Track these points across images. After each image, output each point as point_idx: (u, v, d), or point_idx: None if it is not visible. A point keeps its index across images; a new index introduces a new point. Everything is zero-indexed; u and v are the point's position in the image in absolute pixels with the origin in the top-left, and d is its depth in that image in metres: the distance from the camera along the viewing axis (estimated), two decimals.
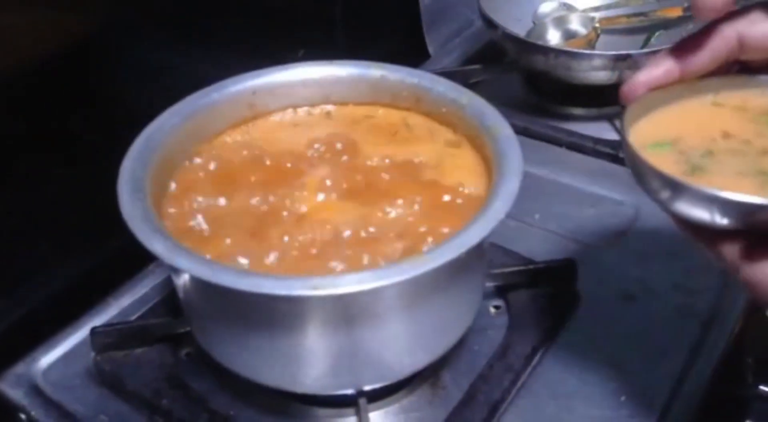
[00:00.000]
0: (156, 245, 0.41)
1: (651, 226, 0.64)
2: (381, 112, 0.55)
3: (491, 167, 0.48)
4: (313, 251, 0.44)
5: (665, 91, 0.41)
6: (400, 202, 0.47)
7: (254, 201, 0.48)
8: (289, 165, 0.51)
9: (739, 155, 0.39)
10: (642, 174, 0.37)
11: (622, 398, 0.50)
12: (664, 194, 0.36)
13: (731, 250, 0.35)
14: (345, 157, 0.51)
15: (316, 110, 0.56)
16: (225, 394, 0.52)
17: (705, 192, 0.34)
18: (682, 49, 0.40)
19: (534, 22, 0.84)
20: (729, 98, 0.42)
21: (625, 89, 0.41)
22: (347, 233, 0.46)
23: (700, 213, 0.35)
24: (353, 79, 0.55)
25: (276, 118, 0.55)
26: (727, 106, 0.42)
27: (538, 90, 0.81)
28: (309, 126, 0.55)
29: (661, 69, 0.40)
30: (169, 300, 0.58)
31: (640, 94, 0.41)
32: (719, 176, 0.37)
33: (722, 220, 0.34)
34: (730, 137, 0.40)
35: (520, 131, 0.73)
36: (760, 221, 0.34)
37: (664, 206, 0.37)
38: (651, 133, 0.40)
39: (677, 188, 0.35)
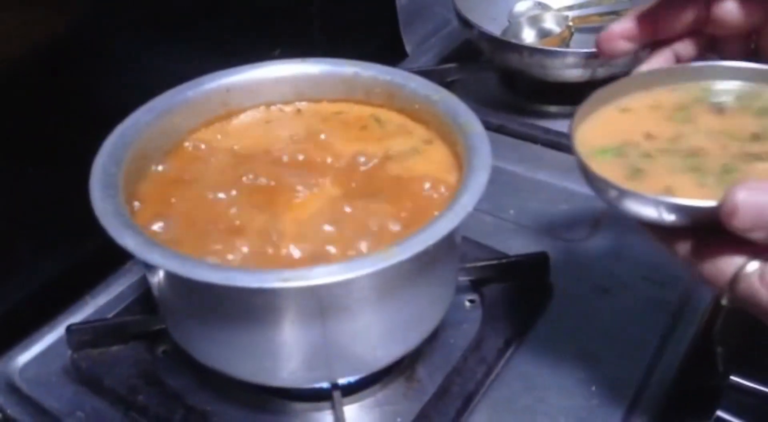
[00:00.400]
0: (127, 240, 0.41)
1: (623, 220, 0.65)
2: (351, 108, 0.56)
3: (462, 162, 0.49)
4: (284, 247, 0.45)
5: (606, 91, 0.43)
6: (371, 197, 0.48)
7: (225, 197, 0.48)
8: (260, 162, 0.51)
9: (669, 155, 0.40)
10: (591, 181, 0.39)
11: (593, 388, 0.51)
12: (613, 199, 0.37)
13: (683, 247, 0.37)
14: (315, 154, 0.52)
15: (288, 107, 0.56)
16: (202, 390, 0.52)
17: (645, 197, 0.36)
18: (656, 8, 0.43)
19: (509, 21, 0.85)
20: (642, 99, 0.44)
21: (602, 36, 0.44)
22: (319, 228, 0.46)
23: (648, 215, 0.36)
24: (326, 77, 0.56)
25: (248, 115, 0.55)
26: (640, 109, 0.43)
27: (513, 88, 0.82)
28: (280, 123, 0.55)
29: (634, 23, 0.43)
30: (144, 298, 0.58)
31: (614, 44, 0.43)
32: (658, 177, 0.39)
33: (668, 220, 0.36)
34: (654, 138, 0.41)
35: (495, 129, 0.75)
36: (701, 220, 0.35)
37: (616, 209, 0.38)
38: (595, 138, 0.41)
39: (623, 194, 0.37)
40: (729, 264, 0.35)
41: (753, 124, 0.41)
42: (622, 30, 0.43)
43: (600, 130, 0.42)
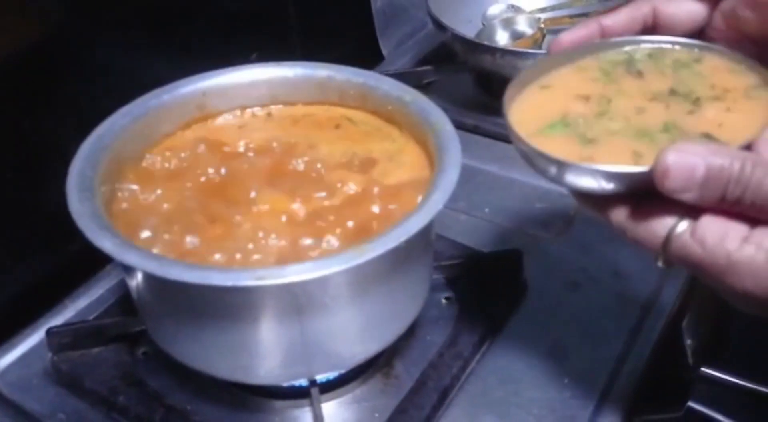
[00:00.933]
0: (104, 242, 0.42)
1: (595, 218, 0.66)
2: (323, 109, 0.57)
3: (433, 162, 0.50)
4: (256, 252, 0.46)
5: (534, 69, 0.45)
6: (340, 196, 0.49)
7: (197, 203, 0.49)
8: (232, 165, 0.52)
9: (609, 119, 0.42)
10: (528, 157, 0.40)
11: (566, 381, 0.52)
12: (552, 172, 0.39)
13: (618, 214, 0.38)
14: (287, 157, 0.53)
15: (262, 111, 0.57)
16: (182, 390, 0.53)
17: (589, 168, 0.37)
18: (606, 16, 0.45)
19: (483, 24, 0.86)
20: (567, 70, 0.45)
21: (552, 44, 0.46)
22: (290, 231, 0.47)
23: (587, 185, 0.38)
24: (300, 80, 0.57)
25: (221, 120, 0.56)
26: (568, 76, 0.45)
27: (487, 89, 0.83)
28: (252, 127, 0.56)
29: (583, 31, 0.45)
30: (124, 300, 0.59)
31: (563, 47, 0.45)
32: (606, 146, 0.40)
33: (608, 188, 0.37)
34: (589, 99, 0.43)
35: (470, 129, 0.77)
36: (637, 185, 0.37)
37: (555, 182, 0.39)
38: (532, 118, 0.43)
39: (563, 167, 0.38)
40: (661, 225, 0.36)
41: (672, 80, 0.44)
42: (572, 38, 0.45)
43: (535, 109, 0.44)
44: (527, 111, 0.44)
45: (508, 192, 0.70)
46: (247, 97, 0.57)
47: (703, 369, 0.63)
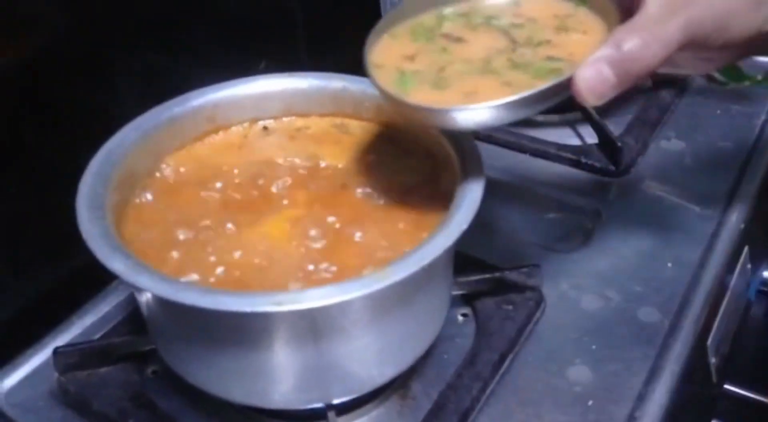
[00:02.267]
0: (116, 264, 0.40)
1: (614, 230, 0.65)
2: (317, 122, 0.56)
3: (453, 177, 0.48)
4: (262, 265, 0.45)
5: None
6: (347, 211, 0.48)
7: (205, 222, 0.48)
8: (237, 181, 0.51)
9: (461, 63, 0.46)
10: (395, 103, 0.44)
11: (590, 403, 0.51)
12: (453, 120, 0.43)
13: None
14: (301, 170, 0.52)
15: (255, 127, 0.56)
16: (193, 412, 0.51)
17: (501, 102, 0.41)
18: None
19: None
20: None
21: None
22: (300, 248, 0.46)
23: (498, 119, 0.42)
24: (315, 91, 0.56)
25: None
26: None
27: None
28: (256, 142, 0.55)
29: None
30: (133, 317, 0.57)
31: None
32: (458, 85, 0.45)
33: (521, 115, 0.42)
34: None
35: (483, 138, 0.75)
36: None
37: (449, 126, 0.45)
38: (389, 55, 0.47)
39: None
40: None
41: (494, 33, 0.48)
42: None
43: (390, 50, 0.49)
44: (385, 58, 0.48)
45: (524, 203, 0.69)
46: (259, 109, 0.55)
47: (726, 386, 0.62)
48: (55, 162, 0.57)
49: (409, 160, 0.53)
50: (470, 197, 0.44)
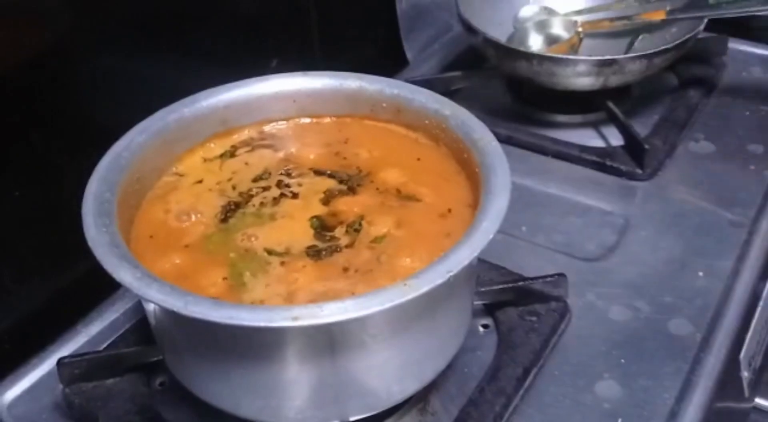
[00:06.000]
0: (124, 275, 0.38)
1: (641, 237, 0.62)
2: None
3: (477, 180, 0.46)
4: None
5: None
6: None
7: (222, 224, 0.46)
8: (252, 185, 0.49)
9: None
10: None
11: (619, 420, 0.48)
12: None
13: None
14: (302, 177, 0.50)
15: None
16: None
17: None
18: None
19: (515, 27, 0.82)
20: None
21: None
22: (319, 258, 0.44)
23: None
24: (329, 91, 0.53)
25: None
26: None
27: (520, 97, 0.79)
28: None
29: None
30: (140, 326, 0.55)
31: None
32: None
33: None
34: None
35: (503, 140, 0.71)
36: None
37: None
38: None
39: None
40: None
41: None
42: None
43: None
44: None
45: (546, 208, 0.66)
46: (271, 110, 0.53)
47: (757, 400, 0.60)
48: (60, 165, 0.55)
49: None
50: (496, 204, 0.42)
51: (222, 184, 0.50)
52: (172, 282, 0.39)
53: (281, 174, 0.50)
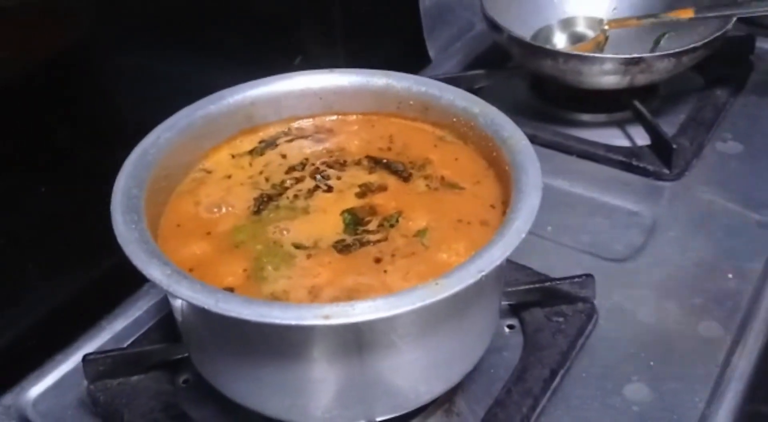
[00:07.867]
0: (153, 271, 0.38)
1: (668, 237, 0.61)
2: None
3: (506, 179, 0.46)
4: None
5: None
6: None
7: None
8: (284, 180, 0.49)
9: None
10: None
11: None
12: None
13: None
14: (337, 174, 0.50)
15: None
16: None
17: None
18: None
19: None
20: None
21: None
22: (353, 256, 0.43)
23: None
24: (356, 89, 0.53)
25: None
26: None
27: (543, 95, 0.79)
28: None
29: None
30: (164, 323, 0.55)
31: None
32: None
33: None
34: None
35: (528, 139, 0.72)
36: None
37: None
38: None
39: None
40: None
41: None
42: None
43: None
44: None
45: (572, 208, 0.65)
46: (298, 107, 0.53)
47: None
48: (87, 162, 0.55)
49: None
50: (528, 203, 0.41)
51: (254, 178, 0.49)
52: (190, 269, 0.38)
53: (322, 163, 0.50)
